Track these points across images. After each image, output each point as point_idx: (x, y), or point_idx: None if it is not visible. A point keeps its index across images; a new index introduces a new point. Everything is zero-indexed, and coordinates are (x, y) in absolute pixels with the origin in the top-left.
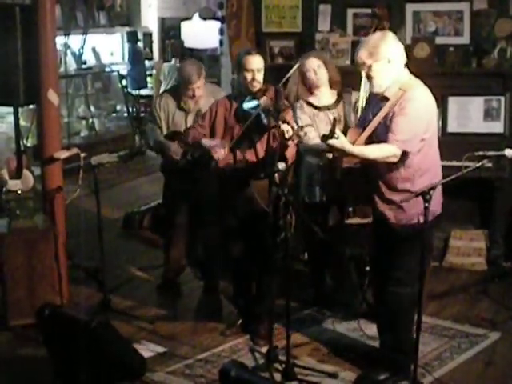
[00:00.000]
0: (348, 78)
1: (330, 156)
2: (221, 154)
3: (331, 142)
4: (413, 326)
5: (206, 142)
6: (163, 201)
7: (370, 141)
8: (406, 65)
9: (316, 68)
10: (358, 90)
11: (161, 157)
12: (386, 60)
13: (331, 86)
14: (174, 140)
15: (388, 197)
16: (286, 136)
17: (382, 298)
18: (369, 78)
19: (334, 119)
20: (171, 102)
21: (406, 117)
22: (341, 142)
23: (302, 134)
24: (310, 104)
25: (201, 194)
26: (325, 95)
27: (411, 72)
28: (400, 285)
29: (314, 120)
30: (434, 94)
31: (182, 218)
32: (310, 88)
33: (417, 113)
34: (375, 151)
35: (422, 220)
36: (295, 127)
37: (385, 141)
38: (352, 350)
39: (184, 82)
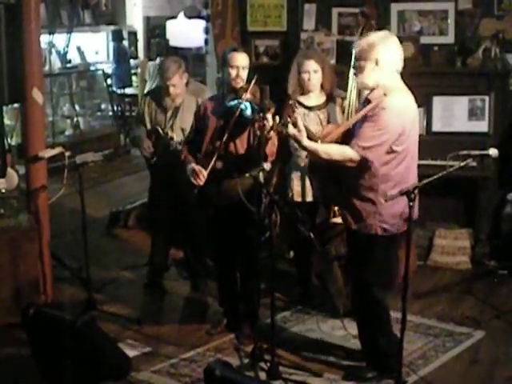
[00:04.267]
0: None
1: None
2: (199, 182)
3: (290, 130)
4: (390, 326)
5: (189, 168)
6: (149, 199)
7: (345, 137)
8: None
9: (312, 72)
10: (345, 89)
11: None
12: (374, 62)
13: (323, 87)
14: (154, 137)
15: (351, 202)
16: (267, 126)
17: (354, 300)
18: (356, 71)
19: (290, 105)
20: (154, 101)
21: (373, 124)
22: (294, 133)
23: (287, 126)
24: (300, 104)
25: (182, 194)
26: (315, 96)
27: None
28: (368, 288)
29: (304, 120)
30: (418, 94)
31: (163, 218)
32: (302, 88)
33: (386, 123)
34: (331, 153)
35: (380, 231)
36: (277, 120)
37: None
38: (336, 348)
39: (161, 79)
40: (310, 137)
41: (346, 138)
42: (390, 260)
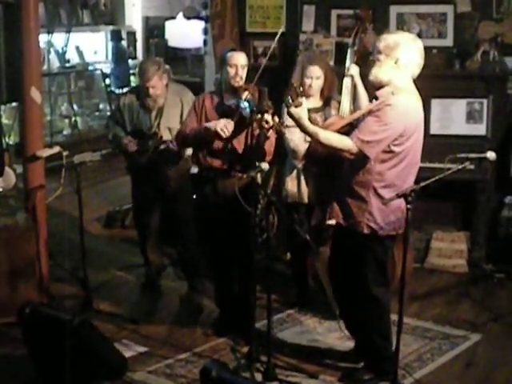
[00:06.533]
0: None
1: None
2: (227, 131)
3: (291, 109)
4: (386, 326)
5: (211, 123)
6: (133, 203)
7: (346, 131)
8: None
9: (314, 79)
10: (340, 92)
11: (123, 156)
12: (394, 60)
13: (322, 92)
14: (138, 137)
15: (343, 197)
16: (266, 126)
17: (350, 300)
18: (372, 63)
19: (294, 87)
20: (135, 101)
21: (377, 119)
22: (299, 114)
23: (284, 127)
24: None
25: (171, 192)
26: (314, 98)
27: None
28: (364, 286)
29: None
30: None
31: (153, 218)
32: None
33: (389, 119)
34: (330, 138)
35: (366, 230)
36: (276, 120)
37: None
38: (332, 350)
39: (141, 80)
40: (312, 123)
41: (347, 132)
42: (379, 261)
